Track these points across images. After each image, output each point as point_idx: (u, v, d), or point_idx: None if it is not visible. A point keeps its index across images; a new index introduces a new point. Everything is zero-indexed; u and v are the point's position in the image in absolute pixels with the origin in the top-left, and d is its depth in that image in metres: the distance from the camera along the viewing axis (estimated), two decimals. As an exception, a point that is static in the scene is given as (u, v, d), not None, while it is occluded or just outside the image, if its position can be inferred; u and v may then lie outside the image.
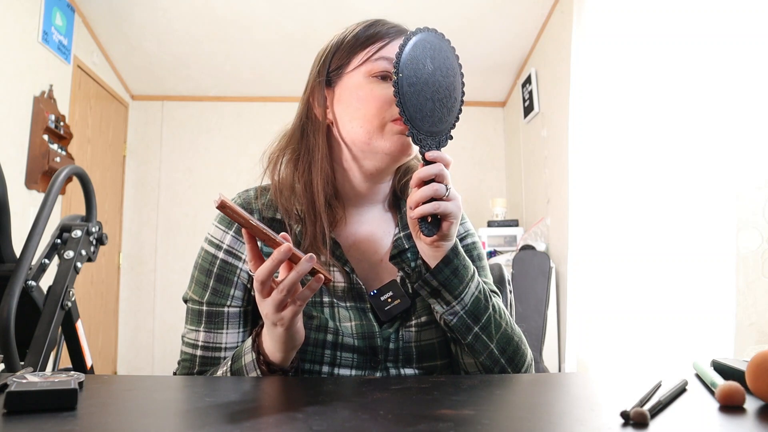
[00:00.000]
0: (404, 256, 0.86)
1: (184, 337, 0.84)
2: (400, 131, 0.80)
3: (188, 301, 0.84)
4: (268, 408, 0.52)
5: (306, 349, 0.77)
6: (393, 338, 0.81)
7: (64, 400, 0.50)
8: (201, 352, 0.81)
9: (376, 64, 0.82)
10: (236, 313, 0.82)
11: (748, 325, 1.62)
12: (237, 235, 0.83)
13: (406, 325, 0.82)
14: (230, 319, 0.82)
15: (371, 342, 0.80)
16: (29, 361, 1.00)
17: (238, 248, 0.83)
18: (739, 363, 0.62)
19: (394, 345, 0.81)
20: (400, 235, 0.87)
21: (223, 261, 0.82)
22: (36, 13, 2.95)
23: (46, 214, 1.07)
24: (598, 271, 2.68)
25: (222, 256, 0.83)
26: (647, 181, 2.34)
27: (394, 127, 0.80)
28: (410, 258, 0.86)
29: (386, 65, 0.81)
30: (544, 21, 3.49)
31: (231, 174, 4.21)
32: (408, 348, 0.81)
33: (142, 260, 4.21)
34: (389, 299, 0.82)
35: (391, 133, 0.80)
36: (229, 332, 0.82)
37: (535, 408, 0.53)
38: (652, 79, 2.31)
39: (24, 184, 2.87)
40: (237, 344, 0.82)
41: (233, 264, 0.83)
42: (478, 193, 4.32)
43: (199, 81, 4.19)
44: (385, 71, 0.81)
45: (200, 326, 0.82)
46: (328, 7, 3.35)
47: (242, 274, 0.83)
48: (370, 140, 0.81)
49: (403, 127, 0.78)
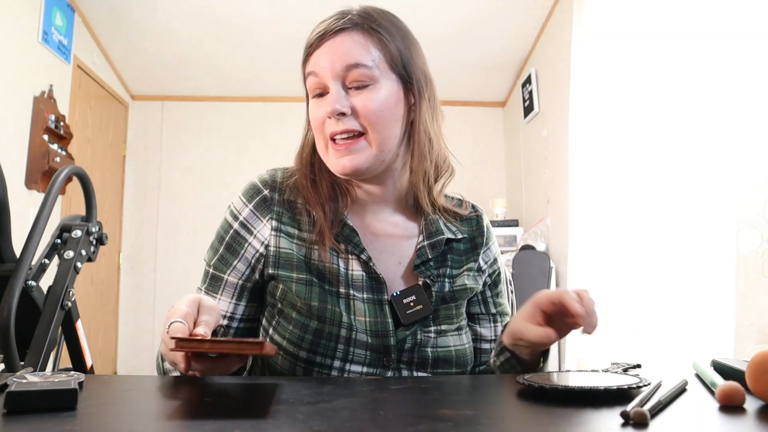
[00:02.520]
0: (428, 264, 0.86)
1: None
2: (337, 154, 0.79)
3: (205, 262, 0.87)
4: (268, 408, 0.52)
5: (319, 342, 0.77)
6: (409, 340, 0.80)
7: (64, 400, 0.50)
8: None
9: (308, 82, 0.82)
10: (233, 284, 0.83)
11: (748, 325, 1.62)
12: (255, 209, 0.84)
13: (425, 330, 0.82)
14: (227, 287, 0.83)
15: (384, 341, 0.79)
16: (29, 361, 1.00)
17: (253, 222, 0.84)
18: (739, 363, 0.62)
19: (409, 346, 0.80)
20: (424, 243, 0.86)
21: (235, 231, 0.84)
22: (36, 13, 2.94)
23: (46, 214, 1.07)
24: (598, 271, 2.68)
25: (236, 227, 0.84)
26: (647, 181, 2.34)
27: (333, 149, 0.80)
28: (433, 266, 0.86)
29: (313, 82, 0.81)
30: (544, 21, 3.49)
31: (231, 174, 4.21)
32: (424, 352, 0.80)
33: (142, 260, 4.21)
34: (411, 303, 0.81)
35: (333, 156, 0.81)
36: (222, 299, 0.83)
37: (535, 408, 0.52)
38: (652, 79, 2.31)
39: (24, 184, 2.87)
40: (225, 312, 0.83)
41: (244, 237, 0.84)
42: (478, 193, 4.31)
43: (199, 81, 4.19)
44: (315, 88, 0.81)
45: (203, 285, 0.85)
46: (328, 7, 3.34)
47: (249, 249, 0.83)
48: (324, 158, 0.83)
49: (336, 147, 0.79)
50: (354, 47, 0.79)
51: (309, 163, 0.87)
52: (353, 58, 0.78)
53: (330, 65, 0.78)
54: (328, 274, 0.81)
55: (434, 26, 3.43)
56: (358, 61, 0.78)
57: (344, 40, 0.79)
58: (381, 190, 0.87)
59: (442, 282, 0.86)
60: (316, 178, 0.86)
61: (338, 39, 0.79)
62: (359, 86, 0.78)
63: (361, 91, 0.78)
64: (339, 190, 0.86)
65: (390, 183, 0.87)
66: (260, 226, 0.83)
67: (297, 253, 0.82)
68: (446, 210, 0.92)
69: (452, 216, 0.93)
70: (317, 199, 0.84)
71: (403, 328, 0.80)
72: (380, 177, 0.85)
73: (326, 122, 0.79)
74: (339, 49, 0.78)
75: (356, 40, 0.79)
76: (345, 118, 0.78)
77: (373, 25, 0.81)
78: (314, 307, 0.78)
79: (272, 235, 0.83)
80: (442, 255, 0.87)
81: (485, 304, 0.92)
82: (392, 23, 0.84)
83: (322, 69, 0.79)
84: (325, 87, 0.80)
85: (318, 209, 0.83)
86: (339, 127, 0.78)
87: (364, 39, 0.80)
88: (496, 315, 0.92)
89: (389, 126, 0.80)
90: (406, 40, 0.84)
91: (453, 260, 0.88)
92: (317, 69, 0.80)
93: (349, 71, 0.78)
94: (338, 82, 0.78)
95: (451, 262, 0.88)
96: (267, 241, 0.83)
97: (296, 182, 0.86)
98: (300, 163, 0.88)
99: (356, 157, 0.79)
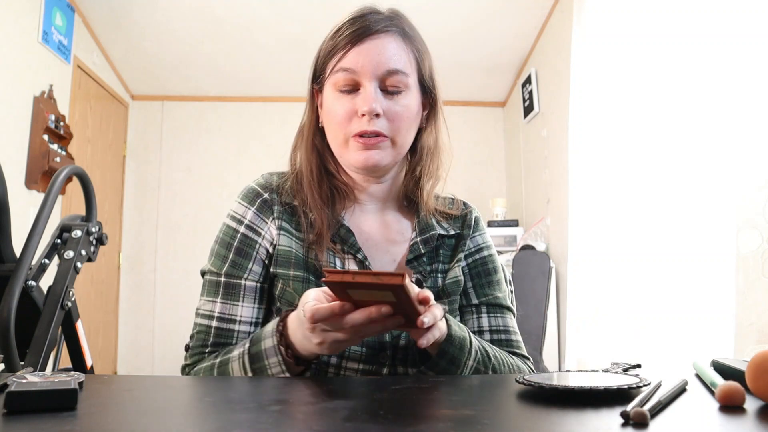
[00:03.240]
0: (420, 260, 0.87)
1: (199, 309, 0.84)
2: (360, 147, 0.80)
3: (206, 273, 0.86)
4: (268, 408, 0.52)
5: None
6: (404, 337, 0.80)
7: (64, 400, 0.50)
8: (216, 323, 0.82)
9: (337, 77, 0.81)
10: (252, 287, 0.83)
11: (748, 325, 1.62)
12: (258, 211, 0.85)
13: None
14: (246, 292, 0.83)
15: (380, 338, 0.79)
16: (29, 361, 1.00)
17: (259, 224, 0.85)
18: (739, 363, 0.62)
19: (403, 343, 0.80)
20: (417, 239, 0.88)
21: (243, 235, 0.84)
22: (36, 13, 2.94)
23: (46, 214, 1.07)
24: (598, 271, 2.68)
25: (243, 231, 0.84)
26: (647, 181, 2.34)
27: (355, 144, 0.81)
28: (426, 262, 0.87)
29: (345, 77, 0.80)
30: (544, 21, 3.49)
31: (231, 174, 4.21)
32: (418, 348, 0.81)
33: (142, 260, 4.21)
34: None
35: (354, 149, 0.81)
36: (245, 305, 0.83)
37: (535, 408, 0.52)
38: (653, 79, 2.31)
39: (24, 184, 2.87)
40: (251, 319, 0.83)
41: (253, 239, 0.84)
42: (478, 193, 4.31)
43: (199, 81, 4.19)
44: (345, 84, 0.81)
45: (217, 297, 0.83)
46: (327, 7, 3.35)
47: (261, 250, 0.84)
48: (339, 152, 0.84)
49: (362, 142, 0.79)
50: (398, 53, 0.81)
51: (317, 163, 0.87)
52: (396, 63, 0.81)
53: (372, 66, 0.79)
54: None
55: (434, 26, 3.43)
56: (399, 68, 0.81)
57: (387, 43, 0.81)
58: (380, 190, 0.89)
59: (435, 278, 0.87)
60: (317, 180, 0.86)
61: (381, 41, 0.81)
62: (394, 91, 0.81)
63: (393, 96, 0.81)
64: (338, 192, 0.87)
65: (389, 184, 0.90)
66: (266, 227, 0.85)
67: (296, 251, 0.83)
68: (438, 211, 0.93)
69: (443, 216, 0.93)
70: (317, 201, 0.84)
71: None
72: (384, 177, 0.88)
73: (353, 119, 0.80)
74: (383, 51, 0.80)
75: (399, 46, 0.82)
76: (376, 119, 0.80)
77: (410, 32, 0.84)
78: None
79: (277, 234, 0.84)
80: (434, 251, 0.89)
81: (465, 296, 0.90)
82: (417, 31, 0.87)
83: (362, 68, 0.80)
84: (358, 84, 0.81)
85: (317, 211, 0.84)
86: (370, 126, 0.79)
87: (405, 46, 0.83)
88: (480, 306, 0.89)
89: (410, 132, 0.84)
90: (428, 51, 0.87)
91: (444, 255, 0.90)
92: (355, 66, 0.80)
93: (390, 75, 0.80)
94: (375, 83, 0.80)
95: (443, 258, 0.89)
96: (275, 241, 0.84)
97: (292, 186, 0.87)
98: (306, 162, 0.88)
99: (380, 153, 0.81)
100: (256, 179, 0.90)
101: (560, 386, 0.54)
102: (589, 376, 0.63)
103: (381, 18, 0.83)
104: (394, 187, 0.91)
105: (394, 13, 0.85)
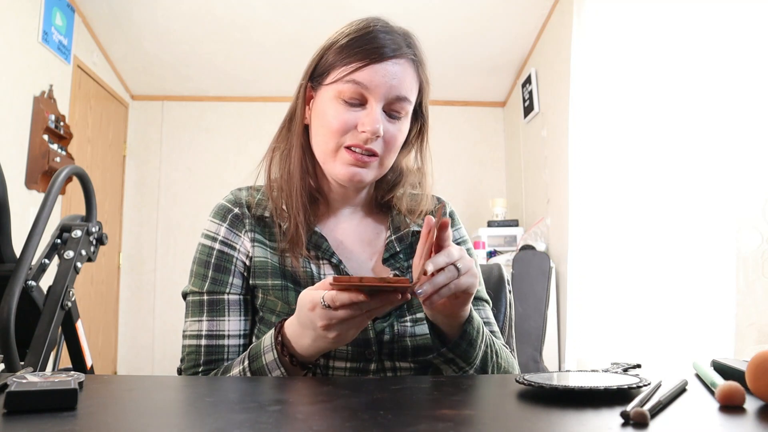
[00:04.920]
0: (397, 257, 0.88)
1: (186, 331, 0.84)
2: (351, 162, 0.80)
3: (188, 294, 0.86)
4: (268, 408, 0.52)
5: None
6: (387, 332, 0.81)
7: (64, 400, 0.50)
8: (205, 342, 0.82)
9: (344, 87, 0.80)
10: (236, 300, 0.84)
11: (748, 325, 1.62)
12: (231, 227, 0.86)
13: (401, 320, 0.83)
14: (231, 306, 0.84)
15: (364, 334, 0.80)
16: (29, 361, 1.00)
17: (233, 239, 0.86)
18: (739, 363, 0.62)
19: (388, 338, 0.81)
20: (392, 238, 0.89)
21: (219, 251, 0.85)
22: (36, 13, 2.95)
23: (46, 214, 1.07)
24: (598, 271, 2.68)
25: (218, 247, 0.85)
26: (647, 181, 2.34)
27: (346, 156, 0.80)
28: (402, 258, 0.88)
29: (354, 90, 0.79)
30: (544, 21, 3.49)
31: (231, 174, 4.20)
32: (403, 341, 0.82)
33: (142, 260, 4.21)
34: None
35: (342, 162, 0.81)
36: (231, 319, 0.83)
37: (535, 408, 0.52)
38: (652, 79, 2.31)
39: (24, 184, 2.87)
40: (239, 331, 0.83)
41: (229, 254, 0.85)
42: (478, 193, 4.31)
43: (199, 81, 4.19)
44: (351, 97, 0.80)
45: (203, 316, 0.83)
46: (327, 7, 3.35)
47: (238, 263, 0.85)
48: (325, 159, 0.84)
49: (354, 157, 0.79)
50: (409, 82, 0.82)
51: (304, 163, 0.87)
52: (406, 92, 0.81)
53: (386, 88, 0.79)
54: (302, 279, 0.83)
55: (435, 27, 3.43)
56: (407, 96, 0.82)
57: (404, 70, 0.81)
58: (355, 195, 0.91)
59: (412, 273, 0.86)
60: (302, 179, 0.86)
61: (401, 66, 0.81)
62: (395, 116, 0.82)
63: (393, 120, 0.82)
64: (310, 197, 0.88)
65: (366, 189, 0.91)
66: (240, 240, 0.86)
67: (271, 260, 0.84)
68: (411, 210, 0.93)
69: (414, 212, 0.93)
70: (298, 203, 0.84)
71: (380, 320, 0.82)
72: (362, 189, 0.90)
73: (350, 132, 0.80)
74: (398, 77, 0.80)
75: (413, 76, 0.83)
76: (375, 139, 0.80)
77: (423, 61, 0.86)
78: (293, 310, 0.79)
79: (252, 247, 0.85)
80: (410, 247, 0.90)
81: None
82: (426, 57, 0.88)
83: (375, 87, 0.79)
84: (365, 100, 0.80)
85: (294, 216, 0.84)
86: (368, 145, 0.80)
87: (416, 77, 0.84)
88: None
89: (397, 153, 0.86)
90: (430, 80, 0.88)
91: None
92: (369, 84, 0.79)
93: (397, 101, 0.81)
94: (381, 104, 0.80)
95: None
96: (250, 253, 0.85)
97: (263, 196, 0.88)
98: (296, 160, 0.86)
99: (368, 172, 0.82)
100: (226, 196, 0.90)
101: (560, 386, 0.54)
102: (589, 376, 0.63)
103: (399, 39, 0.82)
104: (368, 193, 0.93)
105: (408, 36, 0.85)
